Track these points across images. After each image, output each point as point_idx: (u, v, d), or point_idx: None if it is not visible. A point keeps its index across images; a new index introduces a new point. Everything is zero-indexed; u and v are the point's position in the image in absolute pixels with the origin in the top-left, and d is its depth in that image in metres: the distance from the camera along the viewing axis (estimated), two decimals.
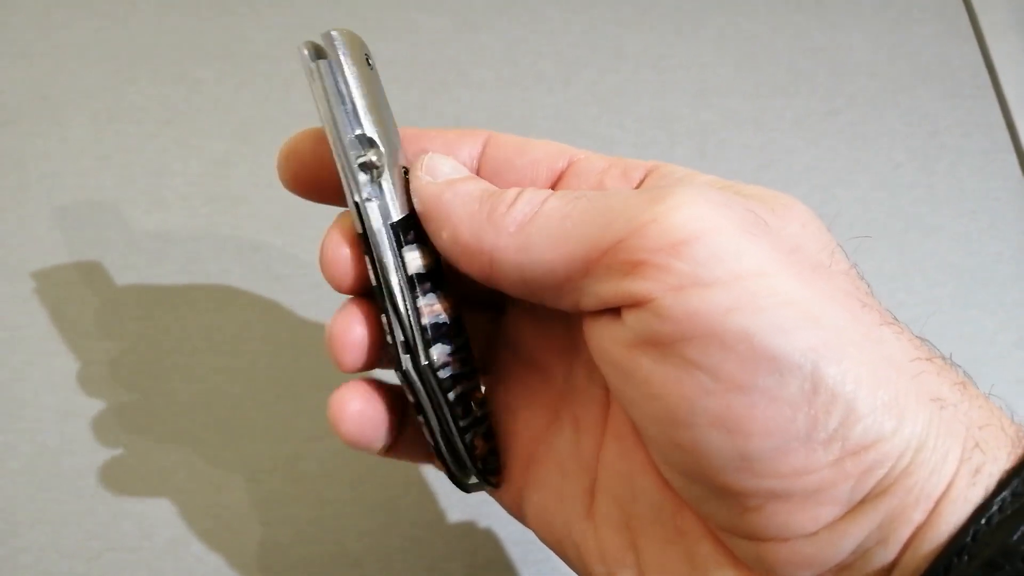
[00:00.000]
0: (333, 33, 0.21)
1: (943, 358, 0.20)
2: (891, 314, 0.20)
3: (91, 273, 0.38)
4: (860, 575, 0.18)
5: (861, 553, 0.18)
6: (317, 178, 0.23)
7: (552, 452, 0.24)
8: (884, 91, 0.45)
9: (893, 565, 0.18)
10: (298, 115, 0.43)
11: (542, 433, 0.24)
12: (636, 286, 0.18)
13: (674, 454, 0.19)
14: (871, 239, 0.41)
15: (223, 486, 0.35)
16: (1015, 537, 0.17)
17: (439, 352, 0.22)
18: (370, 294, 0.22)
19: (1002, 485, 0.18)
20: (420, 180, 0.22)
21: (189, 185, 0.41)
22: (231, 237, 0.40)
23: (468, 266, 0.21)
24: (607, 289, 0.19)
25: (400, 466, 0.36)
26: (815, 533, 0.18)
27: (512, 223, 0.20)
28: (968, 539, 0.17)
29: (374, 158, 0.21)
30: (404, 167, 0.22)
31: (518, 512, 0.25)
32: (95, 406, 0.36)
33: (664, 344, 0.18)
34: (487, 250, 0.20)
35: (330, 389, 0.37)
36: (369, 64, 0.22)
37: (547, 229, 0.20)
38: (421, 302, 0.22)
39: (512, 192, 0.21)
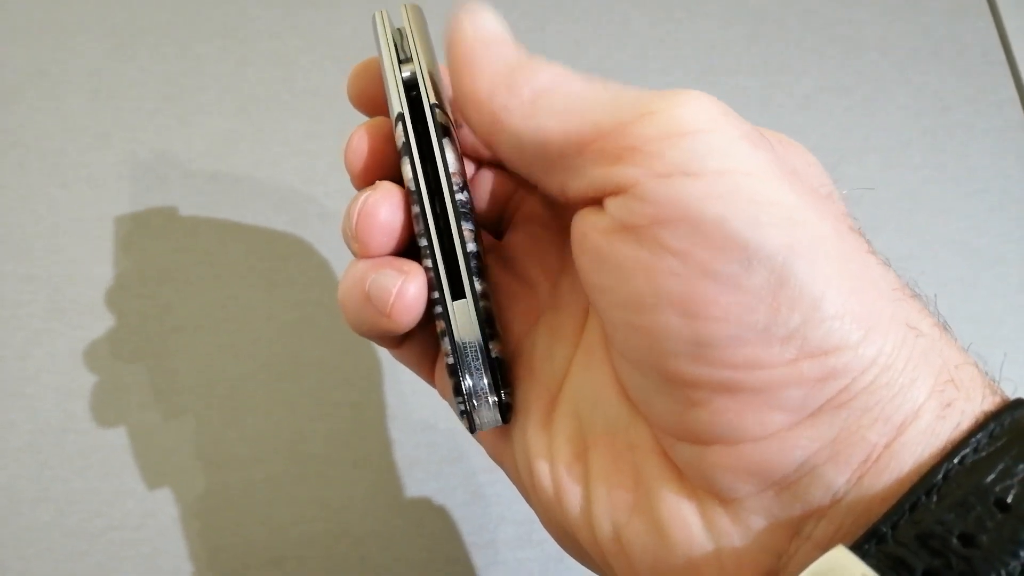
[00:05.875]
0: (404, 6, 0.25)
1: (925, 301, 0.20)
2: (883, 256, 0.20)
3: (93, 251, 0.38)
4: (806, 497, 0.18)
5: (808, 470, 0.18)
6: (373, 95, 0.25)
7: (525, 358, 0.24)
8: (894, 68, 0.44)
9: (844, 494, 0.18)
10: (301, 92, 0.42)
11: (520, 339, 0.24)
12: (624, 171, 0.19)
13: (631, 340, 0.19)
14: (880, 219, 0.41)
15: (226, 465, 0.35)
16: (989, 479, 0.16)
17: (483, 287, 0.23)
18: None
19: (979, 426, 0.17)
20: (462, 28, 0.22)
21: (191, 163, 0.40)
22: (234, 216, 0.39)
23: (475, 121, 0.22)
24: (596, 173, 0.19)
25: (402, 444, 0.36)
26: (762, 439, 0.18)
27: (529, 90, 0.21)
28: (939, 478, 0.17)
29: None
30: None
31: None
32: (98, 385, 0.36)
33: (640, 227, 0.18)
34: (496, 109, 0.21)
35: (333, 370, 0.37)
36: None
37: (559, 104, 0.20)
38: (466, 225, 0.23)
39: (541, 63, 0.21)
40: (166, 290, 0.38)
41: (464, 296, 0.22)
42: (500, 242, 0.26)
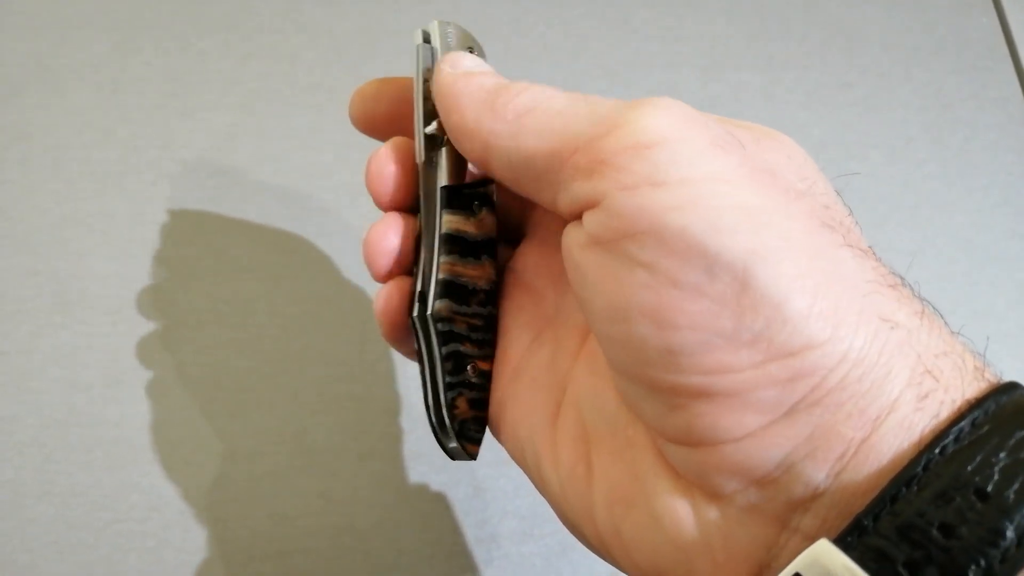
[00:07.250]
0: (435, 23, 0.25)
1: (911, 289, 0.20)
2: (870, 249, 0.20)
3: (96, 246, 0.38)
4: (788, 493, 0.18)
5: (788, 467, 0.18)
6: (377, 118, 0.26)
7: (530, 368, 0.25)
8: (898, 63, 0.44)
9: (825, 488, 0.18)
10: (303, 88, 0.42)
11: (525, 350, 0.25)
12: (596, 185, 0.19)
13: (613, 350, 0.20)
14: (882, 214, 0.41)
15: (230, 458, 0.35)
16: (969, 468, 0.16)
17: (443, 306, 0.24)
18: (406, 210, 0.25)
19: (962, 415, 0.17)
20: (442, 71, 0.23)
21: (194, 158, 0.40)
22: (237, 210, 0.39)
23: (467, 149, 0.23)
24: (575, 187, 0.20)
25: (406, 438, 0.36)
26: (740, 439, 0.18)
27: (512, 112, 0.21)
28: (920, 468, 0.17)
29: (438, 132, 0.24)
30: None
31: (496, 427, 0.26)
32: (101, 378, 0.36)
33: (611, 241, 0.19)
34: (484, 134, 0.22)
35: (336, 364, 0.37)
36: (472, 53, 0.25)
37: (540, 122, 0.21)
38: (443, 259, 0.24)
39: (522, 85, 0.22)
40: (169, 284, 0.38)
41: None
42: (514, 252, 0.27)
